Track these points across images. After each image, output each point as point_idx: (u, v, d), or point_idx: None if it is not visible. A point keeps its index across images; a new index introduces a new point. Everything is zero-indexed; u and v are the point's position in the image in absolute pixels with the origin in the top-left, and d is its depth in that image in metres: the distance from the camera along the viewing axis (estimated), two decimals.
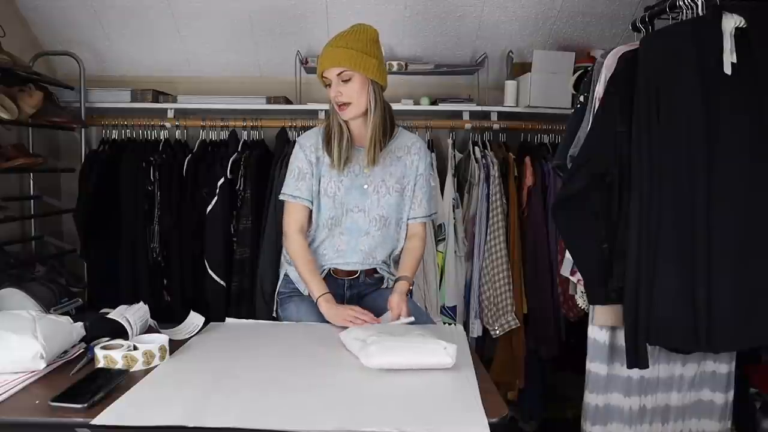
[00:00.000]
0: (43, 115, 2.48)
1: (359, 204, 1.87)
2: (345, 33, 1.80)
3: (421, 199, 1.94)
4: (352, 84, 1.77)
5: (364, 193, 1.87)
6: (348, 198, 1.86)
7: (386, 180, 1.89)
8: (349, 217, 1.88)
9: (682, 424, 2.00)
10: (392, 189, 1.89)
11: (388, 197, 1.89)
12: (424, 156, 1.95)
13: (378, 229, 1.89)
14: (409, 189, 1.93)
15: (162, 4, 2.74)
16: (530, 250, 2.69)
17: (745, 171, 1.67)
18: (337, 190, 1.86)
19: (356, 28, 1.81)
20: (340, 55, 1.76)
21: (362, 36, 1.79)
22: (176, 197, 2.69)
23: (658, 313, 1.70)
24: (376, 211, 1.88)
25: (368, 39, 1.80)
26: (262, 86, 2.99)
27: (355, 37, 1.78)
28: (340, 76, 1.76)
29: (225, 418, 1.11)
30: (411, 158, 1.92)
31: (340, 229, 1.88)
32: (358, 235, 1.88)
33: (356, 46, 1.76)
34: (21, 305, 1.78)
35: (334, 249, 1.88)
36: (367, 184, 1.87)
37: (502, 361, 2.69)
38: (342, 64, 1.76)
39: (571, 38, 2.96)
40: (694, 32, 1.69)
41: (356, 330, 1.55)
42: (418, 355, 1.38)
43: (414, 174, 1.93)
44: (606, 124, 1.79)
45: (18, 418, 1.15)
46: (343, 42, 1.77)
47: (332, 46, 1.79)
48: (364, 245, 1.89)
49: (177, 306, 2.65)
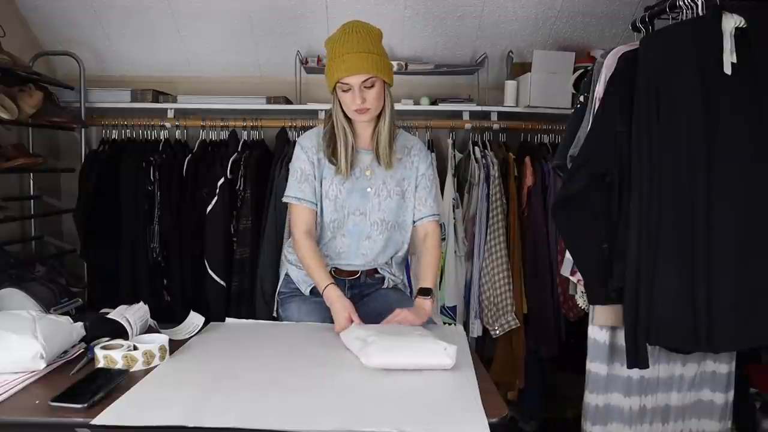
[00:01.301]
0: (43, 115, 2.49)
1: (360, 207, 1.85)
2: (358, 35, 1.73)
3: (426, 198, 1.91)
4: (374, 90, 1.73)
5: (365, 196, 1.85)
6: (349, 201, 1.85)
7: (387, 183, 1.86)
8: (351, 220, 1.86)
9: (682, 424, 2.00)
10: (393, 192, 1.87)
11: (389, 200, 1.87)
12: (425, 157, 1.93)
13: (380, 233, 1.87)
14: (411, 191, 1.90)
15: (162, 4, 2.74)
16: (530, 250, 2.69)
17: (745, 171, 1.67)
18: (339, 193, 1.84)
19: (367, 29, 1.76)
20: (367, 62, 1.69)
21: (376, 38, 1.76)
22: (176, 197, 2.69)
23: (658, 313, 1.70)
24: (377, 215, 1.86)
25: (380, 40, 1.77)
26: (262, 86, 2.99)
27: (371, 40, 1.73)
28: (364, 83, 1.71)
29: (225, 418, 1.11)
30: (411, 159, 1.90)
31: (342, 231, 1.87)
32: (360, 239, 1.87)
33: (376, 50, 1.73)
34: (21, 305, 1.78)
35: (335, 251, 1.88)
36: (370, 187, 1.85)
37: (502, 361, 2.69)
38: (369, 71, 1.70)
39: (571, 38, 2.96)
40: (694, 32, 1.69)
41: (357, 329, 1.55)
42: (418, 355, 1.38)
43: (415, 175, 1.90)
44: (606, 124, 1.79)
45: (18, 418, 1.15)
46: (364, 47, 1.71)
47: (354, 51, 1.69)
48: (366, 249, 1.87)
49: (177, 306, 2.65)
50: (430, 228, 1.92)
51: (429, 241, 1.91)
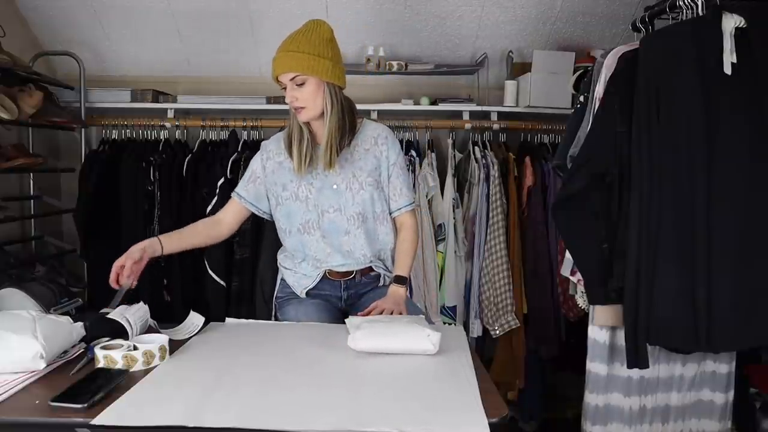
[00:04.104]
0: (43, 115, 2.49)
1: (333, 204, 1.84)
2: (297, 34, 1.76)
3: (401, 188, 1.90)
4: (306, 88, 1.73)
5: (336, 192, 1.84)
6: (321, 199, 1.84)
7: (357, 175, 1.84)
8: (326, 219, 1.85)
9: (682, 424, 2.00)
10: (365, 183, 1.85)
11: (362, 192, 1.85)
12: (392, 144, 1.90)
13: (357, 227, 1.85)
14: (384, 181, 1.89)
15: (162, 4, 2.74)
16: (530, 250, 2.69)
17: (745, 171, 1.67)
18: (309, 193, 1.83)
19: (309, 27, 1.77)
20: (292, 60, 1.72)
21: (314, 37, 1.75)
22: (176, 197, 2.69)
23: (658, 313, 1.70)
24: (351, 209, 1.85)
25: (321, 39, 1.75)
26: (262, 86, 2.99)
27: (306, 39, 1.74)
28: (294, 81, 1.73)
29: (225, 418, 1.11)
30: (379, 149, 1.88)
31: (320, 232, 1.85)
32: (339, 236, 1.86)
33: (308, 48, 1.72)
34: (21, 305, 1.78)
35: (323, 253, 1.87)
36: (337, 183, 1.84)
37: (502, 361, 2.69)
38: (294, 69, 1.72)
39: (571, 38, 2.96)
40: (694, 32, 1.69)
41: (358, 319, 1.62)
42: (401, 340, 1.46)
43: (386, 165, 1.88)
44: (606, 124, 1.79)
45: (18, 418, 1.14)
46: (294, 45, 1.73)
47: (284, 50, 1.74)
48: (348, 245, 1.86)
49: (177, 306, 2.65)
50: (406, 219, 1.93)
51: (405, 230, 1.93)
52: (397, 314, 1.70)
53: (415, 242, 1.94)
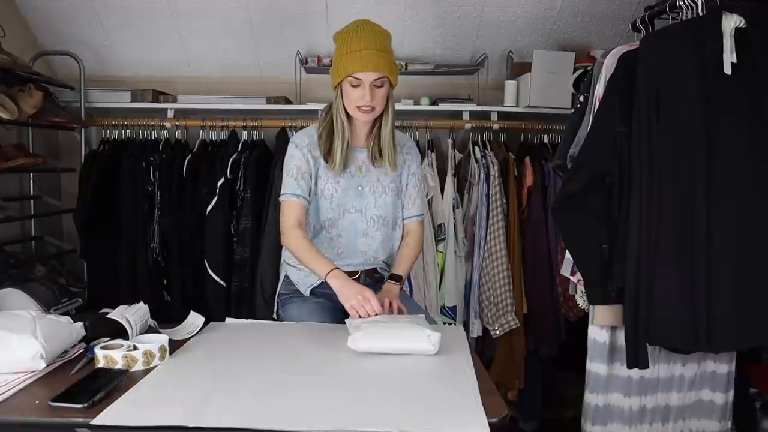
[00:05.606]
0: (43, 115, 2.49)
1: (356, 205, 1.87)
2: (374, 33, 1.74)
3: (415, 198, 1.96)
4: (383, 90, 1.75)
5: (360, 194, 1.87)
6: (345, 199, 1.86)
7: (381, 179, 1.89)
8: (347, 218, 1.87)
9: (682, 424, 2.00)
10: (388, 189, 1.90)
11: (385, 197, 1.89)
12: (416, 155, 1.97)
13: (377, 230, 1.89)
14: (403, 188, 1.94)
15: (162, 4, 2.74)
16: (530, 250, 2.69)
17: (745, 171, 1.67)
18: (335, 192, 1.85)
19: (380, 29, 1.78)
20: (382, 61, 1.71)
21: (388, 39, 1.77)
22: (176, 197, 2.69)
23: (658, 313, 1.70)
24: (373, 212, 1.88)
25: (390, 42, 1.78)
26: (262, 86, 2.99)
27: (384, 41, 1.75)
28: (374, 82, 1.72)
29: (225, 418, 1.11)
30: (404, 157, 1.93)
31: (338, 230, 1.87)
32: (357, 236, 1.88)
33: (389, 50, 1.76)
34: (21, 305, 1.78)
35: (334, 251, 1.88)
36: (362, 185, 1.87)
37: (502, 361, 2.69)
38: (383, 71, 1.72)
39: (571, 38, 2.96)
40: (694, 32, 1.69)
41: (358, 319, 1.61)
42: (401, 340, 1.47)
43: (407, 173, 1.94)
44: (606, 124, 1.79)
45: (18, 418, 1.15)
46: (380, 45, 1.73)
47: (371, 48, 1.71)
48: (364, 246, 1.89)
49: (177, 306, 2.65)
50: (415, 228, 1.97)
51: (411, 236, 1.96)
52: (388, 304, 1.71)
53: (418, 249, 1.98)
